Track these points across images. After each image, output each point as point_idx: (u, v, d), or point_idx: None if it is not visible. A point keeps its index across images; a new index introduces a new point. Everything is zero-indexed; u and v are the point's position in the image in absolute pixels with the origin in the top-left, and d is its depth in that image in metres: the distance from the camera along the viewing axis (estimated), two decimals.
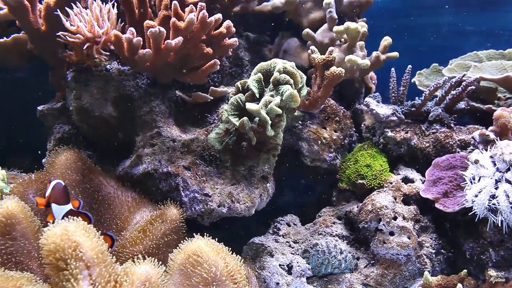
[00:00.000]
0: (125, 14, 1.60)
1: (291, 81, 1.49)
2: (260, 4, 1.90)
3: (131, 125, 1.63)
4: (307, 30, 1.79)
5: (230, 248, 1.28)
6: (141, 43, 1.43)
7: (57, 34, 1.51)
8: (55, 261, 1.09)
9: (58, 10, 1.50)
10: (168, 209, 1.45)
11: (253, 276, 1.51)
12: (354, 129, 1.82)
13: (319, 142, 1.68)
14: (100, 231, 1.13)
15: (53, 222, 1.11)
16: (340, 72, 1.58)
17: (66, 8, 1.49)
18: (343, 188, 1.72)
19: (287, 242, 1.59)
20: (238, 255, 1.28)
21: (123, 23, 1.58)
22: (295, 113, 1.69)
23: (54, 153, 1.52)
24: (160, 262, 1.20)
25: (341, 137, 1.74)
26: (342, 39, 1.82)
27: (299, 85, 1.53)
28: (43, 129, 1.85)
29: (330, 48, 1.62)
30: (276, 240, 1.60)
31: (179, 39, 1.44)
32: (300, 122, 1.71)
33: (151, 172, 1.53)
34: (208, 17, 1.48)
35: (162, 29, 1.42)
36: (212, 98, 1.67)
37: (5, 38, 1.68)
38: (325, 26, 1.82)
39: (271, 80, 1.51)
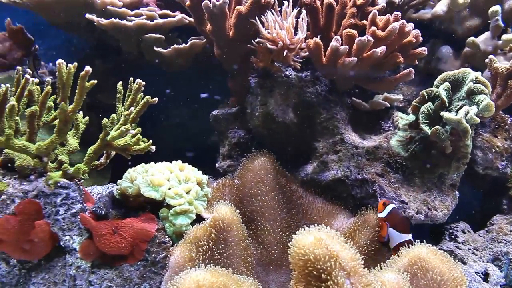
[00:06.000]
0: (309, 21, 1.61)
1: (486, 90, 1.50)
2: (417, 12, 1.91)
3: (309, 131, 1.65)
4: (472, 38, 1.80)
5: None
6: (347, 51, 1.45)
7: (254, 41, 1.54)
8: (315, 271, 1.09)
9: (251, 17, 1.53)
10: (369, 216, 1.46)
11: None
12: None
13: (493, 150, 1.69)
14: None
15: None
16: None
17: (262, 16, 1.51)
18: None
19: (469, 249, 1.60)
20: None
21: None
22: None
23: (250, 158, 1.54)
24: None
25: (511, 145, 1.75)
26: (507, 48, 1.82)
27: (490, 94, 1.54)
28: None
29: None
30: (457, 247, 1.61)
31: (383, 48, 1.45)
32: None
33: (342, 178, 1.54)
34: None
35: (370, 38, 1.43)
36: (389, 105, 1.68)
37: (183, 44, 1.70)
38: (488, 34, 1.83)
39: (464, 89, 1.52)
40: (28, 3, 1.80)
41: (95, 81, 1.29)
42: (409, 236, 1.30)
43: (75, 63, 1.28)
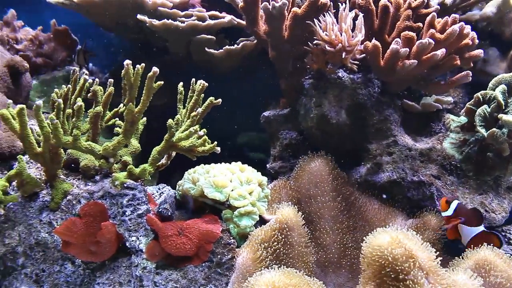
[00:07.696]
0: (364, 23, 1.61)
1: None
2: (465, 13, 1.91)
3: (361, 132, 1.65)
4: None
5: None
6: (407, 53, 1.45)
7: (311, 42, 1.54)
8: (392, 271, 1.09)
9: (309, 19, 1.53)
10: (428, 217, 1.47)
11: None
12: None
13: None
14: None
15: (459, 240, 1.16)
16: None
17: (320, 18, 1.52)
18: None
19: None
20: None
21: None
22: None
23: (306, 159, 1.54)
24: None
25: None
26: None
27: None
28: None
29: None
30: None
31: (443, 50, 1.45)
32: None
33: (397, 180, 1.54)
34: None
35: (431, 40, 1.43)
36: (441, 107, 1.68)
37: (235, 46, 1.71)
38: None
39: None
40: (76, 4, 1.80)
41: (162, 82, 1.29)
42: (481, 228, 1.30)
43: (143, 64, 1.28)
